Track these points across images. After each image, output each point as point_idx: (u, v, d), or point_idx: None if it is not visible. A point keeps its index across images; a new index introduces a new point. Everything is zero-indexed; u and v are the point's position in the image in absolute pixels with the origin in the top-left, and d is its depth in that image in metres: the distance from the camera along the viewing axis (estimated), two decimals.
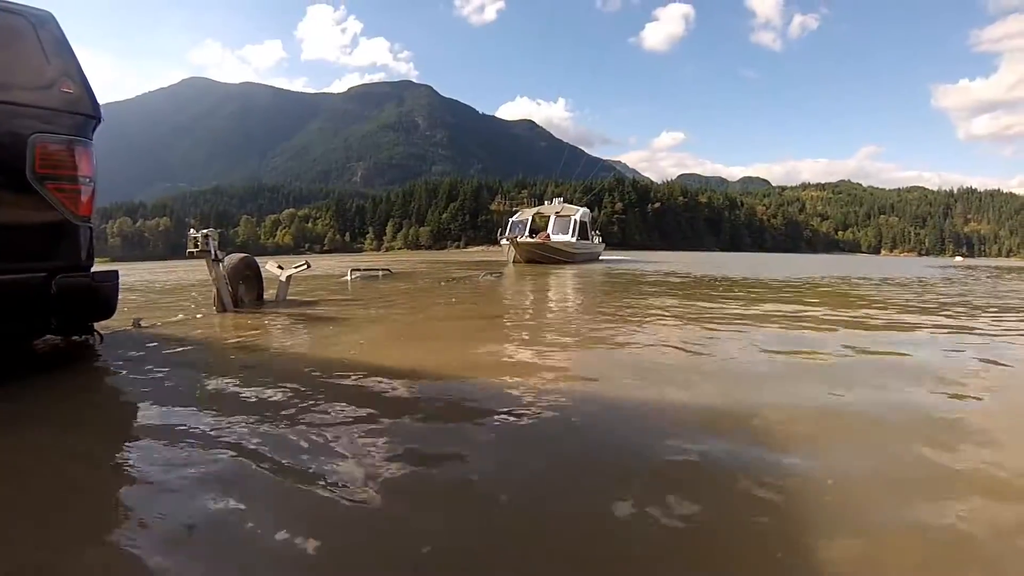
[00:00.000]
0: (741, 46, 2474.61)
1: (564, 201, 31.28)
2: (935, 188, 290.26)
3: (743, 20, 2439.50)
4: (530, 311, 7.48)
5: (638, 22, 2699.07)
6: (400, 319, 6.37)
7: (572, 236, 25.48)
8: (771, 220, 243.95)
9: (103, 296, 3.73)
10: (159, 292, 10.51)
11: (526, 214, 28.98)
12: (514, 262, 23.05)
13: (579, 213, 27.18)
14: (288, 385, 3.16)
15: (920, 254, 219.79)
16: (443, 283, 12.19)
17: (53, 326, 3.56)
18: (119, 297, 3.99)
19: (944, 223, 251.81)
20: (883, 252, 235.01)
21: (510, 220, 28.89)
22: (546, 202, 32.15)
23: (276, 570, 1.42)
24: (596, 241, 32.76)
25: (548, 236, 24.82)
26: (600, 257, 33.28)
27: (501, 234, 27.19)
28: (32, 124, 3.19)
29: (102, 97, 3.67)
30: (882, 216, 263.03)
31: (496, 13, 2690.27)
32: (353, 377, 3.34)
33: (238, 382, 3.29)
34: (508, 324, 6.06)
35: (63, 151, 3.29)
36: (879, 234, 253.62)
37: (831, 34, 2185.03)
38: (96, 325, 4.28)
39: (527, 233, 26.46)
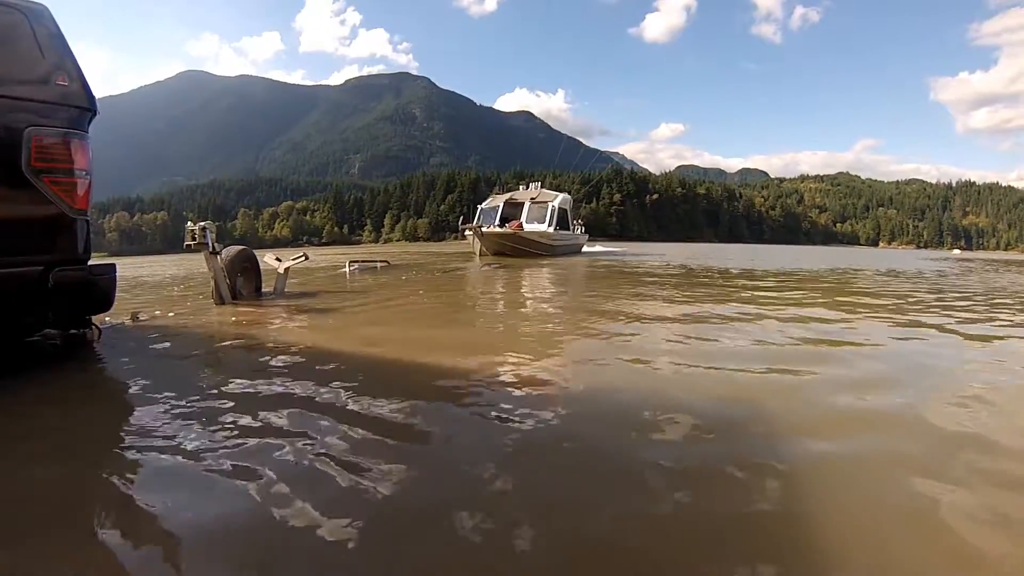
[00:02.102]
0: (742, 38, 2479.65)
1: (550, 188, 28.55)
2: (934, 181, 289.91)
3: (744, 12, 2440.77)
4: (523, 299, 7.44)
5: (639, 13, 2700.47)
6: (399, 310, 6.37)
7: (549, 226, 22.38)
8: (769, 212, 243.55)
9: (101, 289, 3.73)
10: (152, 287, 10.48)
11: (497, 200, 25.08)
12: (480, 255, 19.93)
13: (558, 199, 23.82)
14: (287, 373, 3.27)
15: (918, 246, 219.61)
16: (440, 274, 12.18)
17: (50, 320, 3.56)
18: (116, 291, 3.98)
19: (943, 216, 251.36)
20: (881, 244, 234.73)
21: (479, 207, 25.16)
22: (520, 186, 28.43)
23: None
24: (578, 231, 29.47)
25: (520, 225, 21.71)
26: (583, 249, 30.20)
27: (464, 222, 22.62)
28: (27, 117, 3.18)
29: (98, 91, 3.67)
30: (880, 208, 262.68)
31: (496, 3, 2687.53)
32: (358, 369, 3.38)
33: (240, 373, 3.33)
34: (505, 313, 6.06)
35: (59, 144, 3.29)
36: (877, 226, 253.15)
37: (832, 27, 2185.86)
38: (94, 319, 4.28)
39: (497, 222, 23.03)
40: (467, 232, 21.41)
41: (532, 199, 23.92)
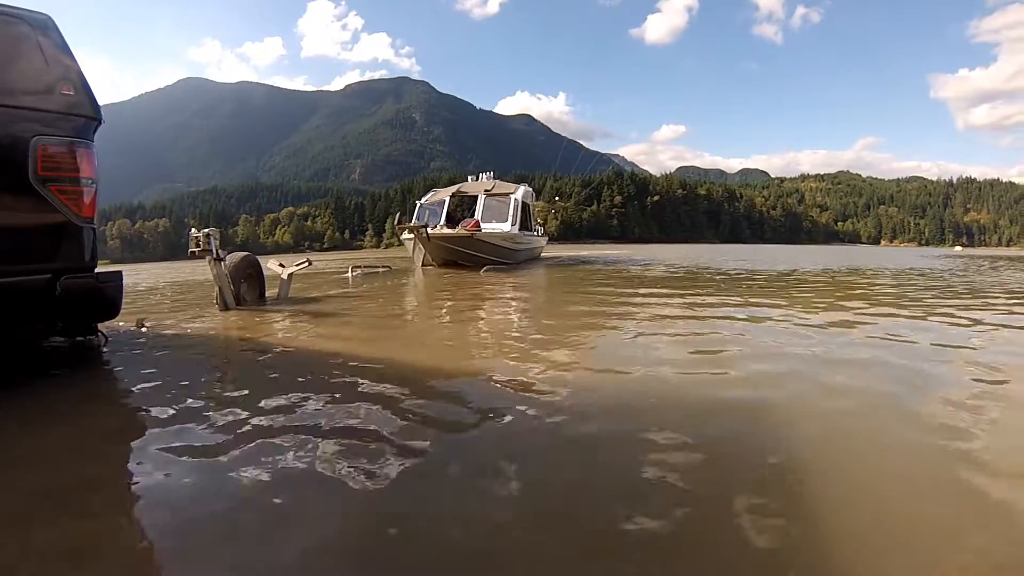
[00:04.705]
0: (743, 38, 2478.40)
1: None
2: (934, 178, 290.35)
3: (745, 12, 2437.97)
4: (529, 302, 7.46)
5: (640, 13, 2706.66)
6: (403, 314, 6.41)
7: (512, 225, 16.80)
8: (771, 212, 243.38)
9: (108, 297, 3.74)
10: (155, 293, 10.53)
11: (441, 194, 19.25)
12: (423, 265, 15.70)
13: (520, 192, 18.15)
14: (294, 380, 3.28)
15: (920, 244, 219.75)
16: (443, 276, 12.16)
17: (58, 327, 3.58)
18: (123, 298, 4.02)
19: (944, 213, 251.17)
20: (883, 242, 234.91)
21: (418, 203, 19.39)
22: (470, 177, 21.27)
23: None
24: (539, 232, 23.46)
25: (477, 225, 15.60)
26: (542, 254, 24.64)
27: (399, 223, 17.01)
28: (33, 127, 3.22)
29: (100, 98, 3.68)
30: (881, 207, 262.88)
31: (498, 5, 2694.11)
32: (366, 375, 3.37)
33: (247, 378, 3.40)
34: (509, 318, 6.08)
35: (65, 153, 3.32)
36: (879, 224, 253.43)
37: (832, 26, 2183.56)
38: (100, 325, 4.31)
39: (442, 222, 17.31)
40: (405, 236, 17.07)
41: (487, 191, 18.03)
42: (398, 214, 18.04)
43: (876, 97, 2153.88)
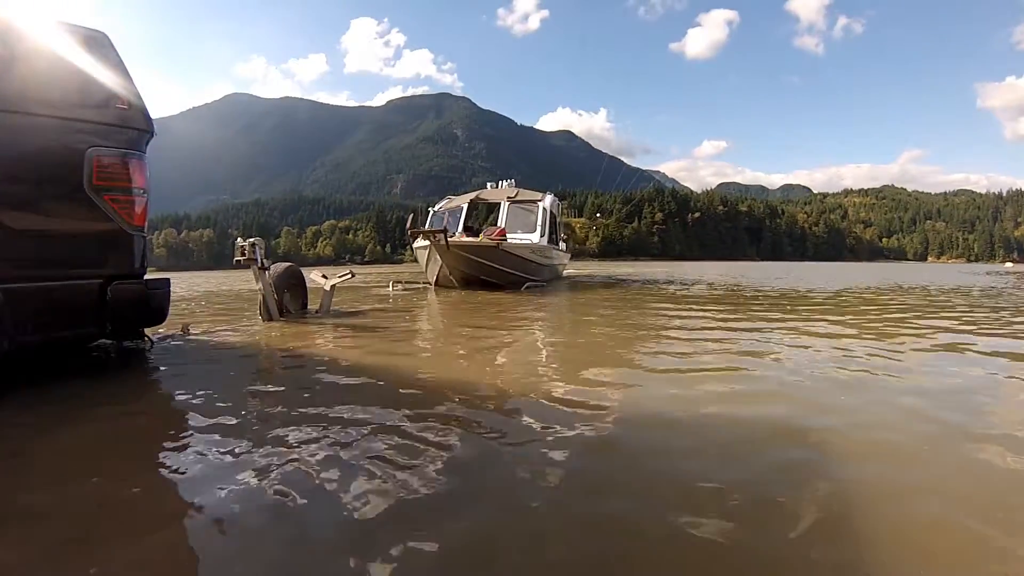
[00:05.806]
0: (784, 51, 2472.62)
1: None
2: (983, 191, 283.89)
3: (786, 25, 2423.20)
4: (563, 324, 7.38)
5: (681, 28, 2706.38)
6: (439, 332, 6.39)
7: (540, 236, 14.38)
8: (813, 228, 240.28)
9: (155, 303, 3.84)
10: (198, 301, 10.67)
11: (457, 201, 16.44)
12: (436, 283, 13.57)
13: (547, 201, 15.43)
14: (340, 395, 3.36)
15: (969, 260, 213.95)
16: (472, 293, 11.99)
17: (108, 330, 3.64)
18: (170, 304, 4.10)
19: (993, 227, 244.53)
20: (930, 259, 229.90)
21: (431, 211, 16.80)
22: (489, 184, 18.56)
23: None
24: (564, 247, 20.53)
25: (503, 234, 12.82)
26: (564, 272, 22.10)
27: (411, 227, 13.35)
28: (89, 139, 3.34)
29: (151, 112, 3.80)
30: (928, 222, 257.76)
31: (539, 22, 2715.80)
32: (409, 391, 3.38)
33: (291, 391, 3.42)
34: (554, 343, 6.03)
35: (118, 164, 3.43)
36: (925, 240, 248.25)
37: (875, 37, 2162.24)
38: (146, 330, 4.40)
39: (460, 230, 14.77)
40: (418, 244, 14.46)
41: (511, 198, 15.34)
42: (411, 217, 14.12)
43: (920, 108, 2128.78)
